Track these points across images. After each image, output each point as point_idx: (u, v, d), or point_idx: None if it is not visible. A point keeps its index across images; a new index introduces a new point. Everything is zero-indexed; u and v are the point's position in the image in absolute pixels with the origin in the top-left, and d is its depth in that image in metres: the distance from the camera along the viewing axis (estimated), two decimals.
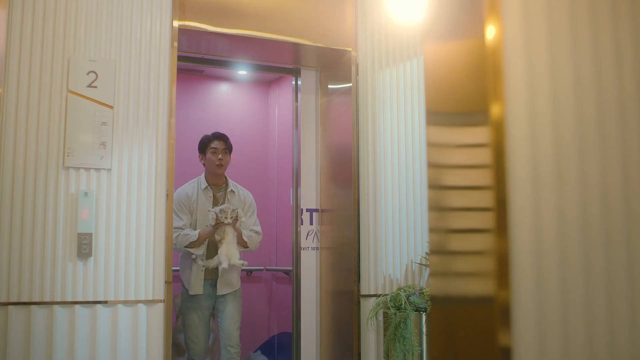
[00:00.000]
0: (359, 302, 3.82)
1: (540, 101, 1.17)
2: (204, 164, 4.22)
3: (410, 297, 3.53)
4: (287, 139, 5.50)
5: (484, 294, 1.04)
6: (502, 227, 1.03)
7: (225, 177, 4.23)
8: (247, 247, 4.10)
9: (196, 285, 3.98)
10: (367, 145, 3.95)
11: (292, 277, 4.42)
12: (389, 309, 3.55)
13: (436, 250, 1.19)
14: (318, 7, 3.96)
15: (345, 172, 3.98)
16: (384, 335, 3.58)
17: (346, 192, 3.95)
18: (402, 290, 3.60)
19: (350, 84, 3.99)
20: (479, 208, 1.07)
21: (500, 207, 1.03)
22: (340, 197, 4.04)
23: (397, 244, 3.92)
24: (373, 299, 3.79)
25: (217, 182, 4.15)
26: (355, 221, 3.86)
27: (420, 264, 3.93)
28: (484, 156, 1.10)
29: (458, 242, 1.13)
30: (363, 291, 3.83)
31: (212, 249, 4.04)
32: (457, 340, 1.11)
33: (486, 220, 1.05)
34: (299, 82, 4.46)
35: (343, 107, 4.06)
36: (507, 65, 1.17)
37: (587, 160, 1.15)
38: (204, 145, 4.20)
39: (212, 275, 4.06)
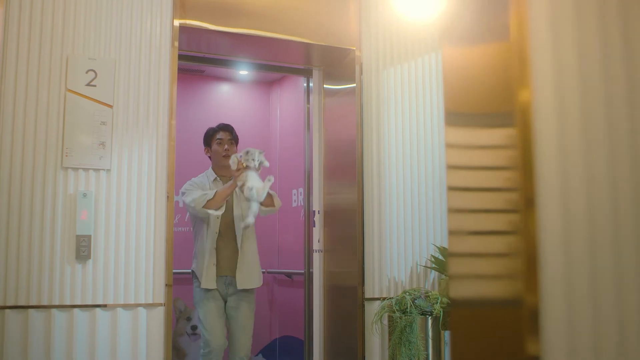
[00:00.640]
0: (363, 306, 3.75)
1: (569, 100, 1.11)
2: (210, 157, 4.09)
3: (415, 301, 3.46)
4: (290, 140, 5.44)
5: (510, 297, 0.98)
6: (530, 228, 0.97)
7: None
8: (272, 206, 3.89)
9: (208, 280, 3.77)
10: (371, 146, 3.88)
11: (305, 280, 4.30)
12: (394, 312, 3.48)
13: (457, 253, 1.13)
14: (321, 5, 3.89)
15: (349, 173, 3.91)
16: (389, 339, 3.51)
17: (350, 193, 3.89)
18: (407, 294, 3.53)
19: (355, 84, 3.92)
20: (505, 210, 1.02)
21: (528, 208, 0.97)
22: (344, 198, 3.98)
23: (402, 246, 3.85)
24: (378, 302, 3.73)
25: (225, 174, 4.01)
26: (359, 223, 3.79)
27: (426, 266, 3.86)
28: (511, 157, 1.04)
29: (481, 244, 1.07)
30: (367, 294, 3.76)
31: (229, 242, 3.87)
32: (481, 347, 1.05)
33: (513, 221, 0.99)
34: (311, 84, 4.35)
35: (347, 107, 3.99)
36: (534, 63, 1.10)
37: (618, 158, 1.08)
38: (209, 137, 4.08)
39: (227, 272, 3.84)
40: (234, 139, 4.08)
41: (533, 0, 1.15)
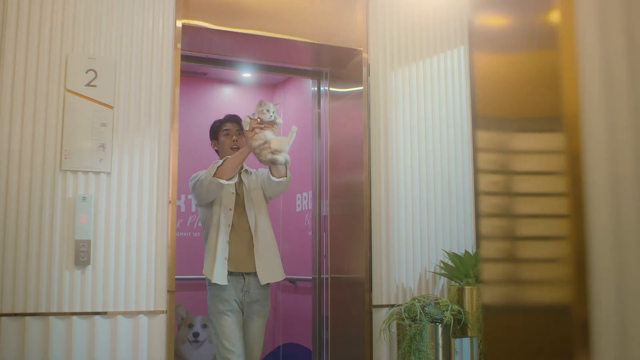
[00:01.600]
0: (370, 313, 3.64)
1: (619, 102, 1.03)
2: (216, 151, 3.89)
3: (425, 308, 3.36)
4: (293, 143, 5.33)
5: (556, 306, 0.90)
6: (579, 233, 0.89)
7: None
8: (285, 176, 3.58)
9: (221, 276, 3.40)
10: (378, 150, 3.79)
11: (314, 287, 4.16)
12: (403, 320, 3.38)
13: (492, 258, 1.05)
14: (326, 4, 3.80)
15: (356, 177, 3.82)
16: (398, 347, 3.41)
17: (357, 197, 3.79)
18: (416, 301, 3.43)
19: (361, 87, 3.82)
20: (551, 215, 0.95)
21: (577, 213, 0.90)
22: (351, 203, 3.88)
23: (410, 252, 3.76)
24: (386, 310, 3.63)
25: None
26: (367, 228, 3.69)
27: (435, 272, 3.76)
28: (558, 162, 0.98)
29: (522, 250, 1.00)
30: (375, 301, 3.66)
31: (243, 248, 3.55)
32: (521, 358, 0.98)
33: (560, 226, 0.92)
34: (322, 87, 4.22)
35: (354, 110, 3.89)
36: (581, 64, 1.02)
37: None
38: (216, 129, 3.88)
39: (240, 267, 3.48)
40: (242, 130, 3.85)
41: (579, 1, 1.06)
